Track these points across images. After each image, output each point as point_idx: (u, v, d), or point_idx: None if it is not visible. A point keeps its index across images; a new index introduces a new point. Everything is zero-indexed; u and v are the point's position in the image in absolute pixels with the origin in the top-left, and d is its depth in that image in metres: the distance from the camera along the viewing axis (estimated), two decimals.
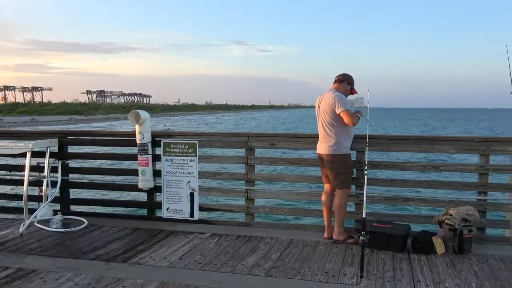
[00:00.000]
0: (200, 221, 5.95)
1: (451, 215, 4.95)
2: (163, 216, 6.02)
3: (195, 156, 5.88)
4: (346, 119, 4.99)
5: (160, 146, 6.02)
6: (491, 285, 4.02)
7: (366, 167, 5.04)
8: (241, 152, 6.00)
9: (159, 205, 6.11)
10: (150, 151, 5.94)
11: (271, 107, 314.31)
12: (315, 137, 5.40)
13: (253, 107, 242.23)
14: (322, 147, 5.20)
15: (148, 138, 5.91)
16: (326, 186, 5.37)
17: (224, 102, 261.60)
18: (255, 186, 5.98)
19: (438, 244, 4.87)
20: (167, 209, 6.01)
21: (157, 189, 6.11)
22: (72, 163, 6.52)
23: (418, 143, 5.53)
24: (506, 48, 5.29)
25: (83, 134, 7.08)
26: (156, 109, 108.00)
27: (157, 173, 6.09)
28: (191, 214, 5.94)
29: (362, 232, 4.46)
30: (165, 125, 52.59)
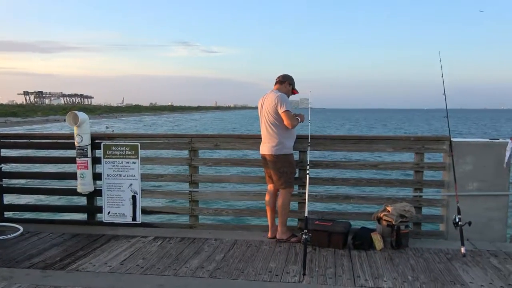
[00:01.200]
0: (143, 225, 5.84)
1: (389, 211, 5.14)
2: (104, 221, 5.85)
3: (137, 158, 5.76)
4: (285, 121, 5.06)
5: (100, 149, 5.85)
6: (425, 277, 4.21)
7: (308, 167, 5.14)
8: (185, 153, 5.95)
9: (99, 209, 5.93)
10: (89, 154, 5.76)
11: (217, 108, 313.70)
12: (259, 137, 5.44)
13: (199, 108, 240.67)
14: (266, 148, 5.25)
15: (87, 141, 5.73)
16: (270, 186, 5.42)
17: (170, 103, 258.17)
18: (199, 188, 5.95)
19: (377, 240, 5.04)
20: (108, 213, 5.85)
21: (98, 192, 5.93)
22: (6, 168, 6.21)
23: (358, 143, 5.70)
24: (439, 54, 5.55)
25: (17, 137, 6.77)
26: (98, 111, 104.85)
27: (97, 176, 5.92)
28: (134, 218, 5.81)
29: (305, 231, 4.53)
30: (107, 127, 51.16)
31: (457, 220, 4.91)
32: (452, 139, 5.38)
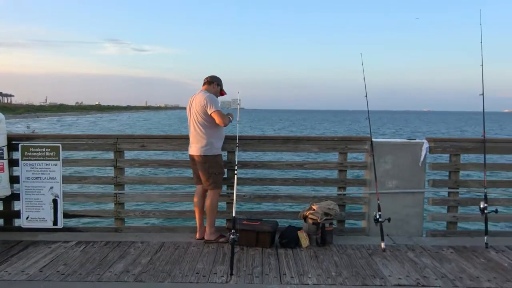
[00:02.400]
0: (65, 229, 5.59)
1: (314, 210, 5.28)
2: (22, 226, 5.54)
3: (58, 160, 5.51)
4: (217, 120, 5.06)
5: (18, 150, 5.53)
6: (348, 272, 4.38)
7: (236, 167, 5.16)
8: (110, 154, 5.77)
9: (17, 214, 5.61)
10: (5, 156, 5.42)
11: (147, 108, 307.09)
12: (186, 138, 5.40)
13: (128, 108, 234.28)
14: (194, 148, 5.21)
15: (2, 142, 5.39)
16: (198, 187, 5.40)
17: (97, 103, 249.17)
18: (125, 190, 5.79)
19: (303, 238, 5.17)
20: (27, 218, 5.53)
21: (15, 196, 5.60)
22: None
23: (285, 143, 5.81)
24: (361, 56, 5.78)
25: None
26: (19, 110, 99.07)
27: (14, 179, 5.59)
28: (55, 222, 5.55)
29: (233, 231, 4.56)
30: (28, 127, 48.44)
31: (377, 216, 5.15)
32: (372, 139, 5.62)
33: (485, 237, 5.24)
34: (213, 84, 5.38)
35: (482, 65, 5.44)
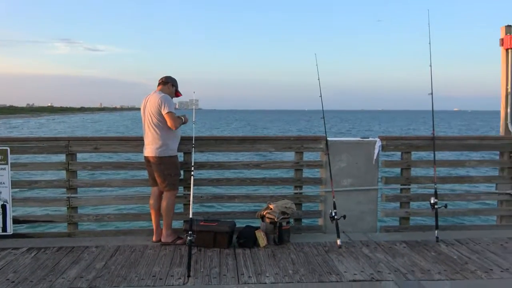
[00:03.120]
0: (14, 235, 5.38)
1: (271, 209, 5.32)
2: None
3: (6, 163, 5.29)
4: (168, 122, 5.01)
5: None
6: (305, 269, 4.43)
7: (193, 168, 5.12)
8: (61, 157, 5.60)
9: None
10: None
11: (102, 109, 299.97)
12: (141, 139, 5.31)
13: (82, 110, 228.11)
14: (149, 150, 5.14)
15: None
16: (154, 189, 5.32)
17: (50, 104, 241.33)
18: (78, 193, 5.64)
19: (261, 237, 5.19)
20: None
21: None
22: None
23: (241, 143, 5.83)
24: (315, 56, 5.86)
25: None
26: None
27: None
28: (4, 229, 5.33)
29: (190, 232, 4.52)
30: None
31: (333, 214, 5.24)
32: (328, 138, 5.72)
33: (436, 231, 5.43)
34: (168, 85, 5.32)
35: (430, 65, 5.64)
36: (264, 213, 5.35)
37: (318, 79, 5.73)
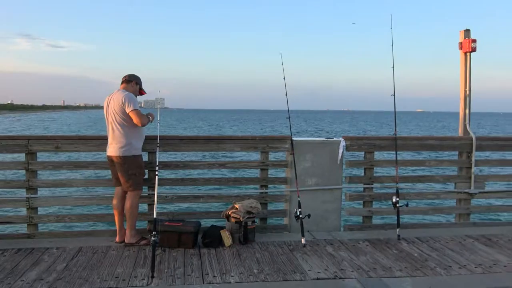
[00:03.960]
0: None
1: (236, 208, 5.32)
2: None
3: None
4: (135, 119, 4.94)
5: None
6: (270, 268, 4.45)
7: (157, 168, 5.06)
8: (21, 157, 5.43)
9: None
10: None
11: (65, 107, 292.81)
12: (104, 138, 5.22)
13: (44, 107, 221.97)
14: (112, 149, 5.05)
15: None
16: (117, 189, 5.23)
17: (9, 102, 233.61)
18: (38, 194, 5.48)
19: (226, 237, 5.18)
20: None
21: None
22: None
23: (207, 143, 5.81)
24: (281, 56, 5.89)
25: None
26: None
27: None
28: None
29: (154, 232, 4.47)
30: None
31: (298, 213, 5.28)
32: (293, 138, 5.76)
33: (397, 230, 5.56)
34: (132, 83, 5.25)
35: (393, 67, 5.76)
36: (229, 213, 5.34)
37: (284, 78, 5.77)
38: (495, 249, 5.18)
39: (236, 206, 5.35)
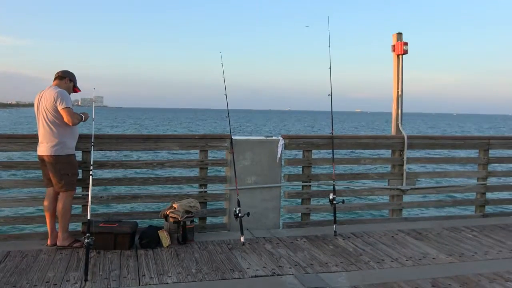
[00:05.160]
0: None
1: (175, 208, 5.24)
2: None
3: None
4: (66, 117, 4.76)
5: None
6: (208, 268, 4.43)
7: (92, 167, 4.90)
8: None
9: None
10: None
11: None
12: (35, 137, 4.97)
13: None
14: (44, 148, 4.83)
15: None
16: (49, 190, 5.01)
17: None
18: None
19: (164, 237, 5.10)
20: None
21: None
22: None
23: (145, 142, 5.69)
24: (220, 55, 5.88)
25: None
26: None
27: None
28: None
29: (87, 234, 4.32)
30: None
31: (237, 212, 5.29)
32: (232, 137, 5.76)
33: (334, 226, 5.70)
34: (65, 80, 5.05)
35: (330, 68, 5.90)
36: (167, 213, 5.26)
37: (224, 78, 5.76)
38: (424, 243, 5.44)
39: (175, 205, 5.27)
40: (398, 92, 6.68)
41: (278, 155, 5.93)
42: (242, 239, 5.22)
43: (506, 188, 7.38)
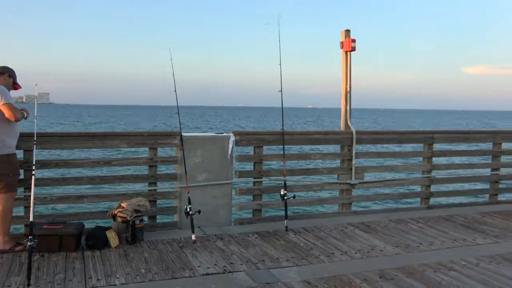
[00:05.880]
0: None
1: (123, 207, 5.11)
2: None
3: None
4: (7, 113, 4.54)
5: None
6: (158, 267, 4.35)
7: (34, 167, 4.68)
8: None
9: None
10: None
11: None
12: None
13: None
14: None
15: None
16: None
17: None
18: None
19: (112, 238, 4.96)
20: None
21: None
22: None
23: (91, 139, 5.52)
24: (170, 50, 5.78)
25: None
26: None
27: None
28: None
29: (30, 237, 4.13)
30: None
31: (188, 209, 5.23)
32: (182, 134, 5.68)
33: (285, 221, 5.75)
34: (4, 75, 4.82)
35: (280, 64, 5.94)
36: (115, 212, 5.13)
37: (173, 74, 5.67)
38: (372, 235, 5.58)
39: (123, 205, 5.14)
40: (346, 88, 6.80)
41: (229, 152, 5.90)
42: (193, 237, 5.16)
43: (449, 180, 7.69)
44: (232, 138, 5.92)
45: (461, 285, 4.07)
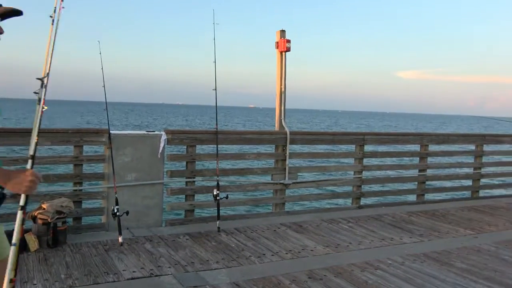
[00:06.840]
0: None
1: (44, 209, 4.82)
2: None
3: None
4: None
5: None
6: (79, 272, 4.11)
7: None
8: None
9: None
10: None
11: None
12: None
13: None
14: None
15: None
16: None
17: None
18: None
19: (31, 241, 4.65)
20: None
21: None
22: None
23: (9, 136, 5.15)
24: (99, 43, 5.51)
25: None
26: None
27: None
28: None
29: None
30: None
31: (115, 210, 5.00)
32: (111, 131, 5.43)
33: (218, 222, 5.65)
34: None
35: (215, 62, 5.85)
36: (35, 214, 4.81)
37: (102, 69, 5.42)
38: (304, 235, 5.61)
39: (44, 206, 4.84)
40: (281, 88, 6.81)
41: (160, 150, 5.72)
42: (120, 239, 4.94)
43: (379, 181, 7.92)
44: (164, 137, 5.75)
45: (386, 283, 4.16)
